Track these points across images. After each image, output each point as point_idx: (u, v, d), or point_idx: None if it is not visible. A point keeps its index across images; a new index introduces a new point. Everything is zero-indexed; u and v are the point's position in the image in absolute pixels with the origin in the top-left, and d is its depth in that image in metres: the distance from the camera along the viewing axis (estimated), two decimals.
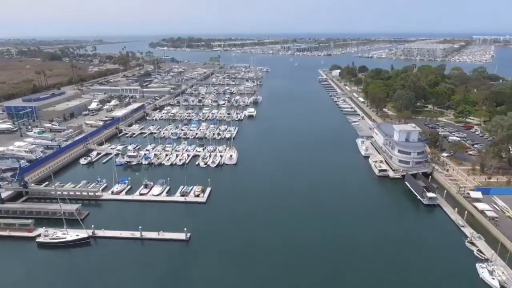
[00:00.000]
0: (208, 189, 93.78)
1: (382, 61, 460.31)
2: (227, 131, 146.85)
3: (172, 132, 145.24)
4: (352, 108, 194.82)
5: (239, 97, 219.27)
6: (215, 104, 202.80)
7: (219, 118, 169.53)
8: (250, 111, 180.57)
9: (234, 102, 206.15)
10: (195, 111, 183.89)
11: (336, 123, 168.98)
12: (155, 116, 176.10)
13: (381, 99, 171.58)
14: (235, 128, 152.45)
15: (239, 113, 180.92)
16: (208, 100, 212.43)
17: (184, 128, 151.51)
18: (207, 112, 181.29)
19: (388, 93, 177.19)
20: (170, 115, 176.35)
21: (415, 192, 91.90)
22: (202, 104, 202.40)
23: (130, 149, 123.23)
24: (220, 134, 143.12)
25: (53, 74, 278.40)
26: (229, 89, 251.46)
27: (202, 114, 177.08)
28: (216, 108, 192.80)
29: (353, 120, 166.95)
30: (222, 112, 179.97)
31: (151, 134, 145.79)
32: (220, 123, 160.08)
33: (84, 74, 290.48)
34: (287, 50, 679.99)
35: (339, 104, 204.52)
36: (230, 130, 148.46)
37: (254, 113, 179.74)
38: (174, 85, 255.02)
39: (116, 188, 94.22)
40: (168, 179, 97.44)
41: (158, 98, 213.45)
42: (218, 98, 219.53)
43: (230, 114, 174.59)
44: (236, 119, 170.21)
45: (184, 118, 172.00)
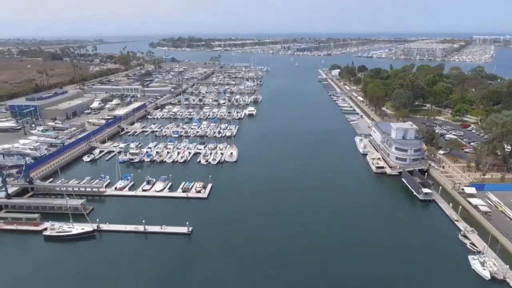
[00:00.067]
0: (209, 185, 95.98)
1: (381, 60, 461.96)
2: (227, 130, 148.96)
3: (174, 130, 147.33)
4: (351, 107, 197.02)
5: (239, 96, 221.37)
6: (216, 103, 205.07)
7: (219, 117, 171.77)
8: (250, 110, 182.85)
9: (235, 101, 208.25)
10: (196, 110, 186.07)
11: (335, 121, 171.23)
12: (156, 114, 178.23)
13: (379, 98, 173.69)
14: (235, 126, 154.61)
15: (239, 112, 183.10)
16: (209, 99, 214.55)
17: (185, 127, 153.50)
18: (207, 111, 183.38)
19: (387, 92, 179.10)
20: (171, 113, 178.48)
21: (411, 188, 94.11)
22: (203, 103, 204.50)
23: (132, 147, 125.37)
24: (221, 133, 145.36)
25: (54, 73, 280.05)
26: (229, 88, 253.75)
27: (202, 113, 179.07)
28: (216, 107, 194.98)
29: (352, 119, 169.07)
30: (223, 111, 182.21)
31: (153, 133, 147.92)
32: (220, 122, 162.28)
33: (86, 74, 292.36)
34: (287, 50, 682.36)
35: (339, 103, 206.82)
36: (231, 129, 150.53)
37: (254, 112, 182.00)
38: (175, 84, 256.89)
39: (120, 184, 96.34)
40: (170, 176, 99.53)
41: (159, 97, 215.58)
42: (218, 97, 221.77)
43: (230, 113, 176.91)
44: (237, 117, 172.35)
45: (185, 117, 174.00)
